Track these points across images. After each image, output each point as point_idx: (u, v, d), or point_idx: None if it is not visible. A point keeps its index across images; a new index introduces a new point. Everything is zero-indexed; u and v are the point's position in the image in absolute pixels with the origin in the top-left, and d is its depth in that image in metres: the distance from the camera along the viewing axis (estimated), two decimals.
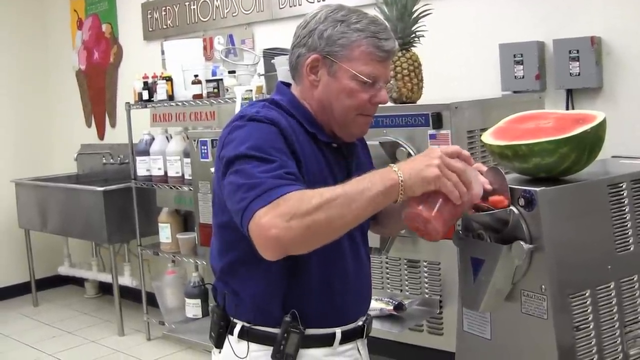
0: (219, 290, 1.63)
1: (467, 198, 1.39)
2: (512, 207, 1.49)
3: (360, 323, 1.64)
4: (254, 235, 1.33)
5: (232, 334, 1.58)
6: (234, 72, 3.76)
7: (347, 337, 1.60)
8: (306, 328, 1.52)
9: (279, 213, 1.30)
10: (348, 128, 1.58)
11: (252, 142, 1.43)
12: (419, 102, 2.60)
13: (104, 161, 5.22)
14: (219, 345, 1.63)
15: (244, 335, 1.56)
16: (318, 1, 3.78)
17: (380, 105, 1.58)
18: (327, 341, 1.57)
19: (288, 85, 1.65)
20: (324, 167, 1.56)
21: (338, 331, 1.58)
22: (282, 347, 1.50)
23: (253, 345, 1.55)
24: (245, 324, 1.56)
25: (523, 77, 2.95)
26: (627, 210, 1.60)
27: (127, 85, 4.80)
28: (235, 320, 1.58)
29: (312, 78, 1.55)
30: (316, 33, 1.53)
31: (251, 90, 3.42)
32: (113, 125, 5.37)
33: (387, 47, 1.53)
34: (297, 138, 1.51)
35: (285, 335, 1.50)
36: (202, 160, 3.61)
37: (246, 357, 1.55)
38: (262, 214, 1.31)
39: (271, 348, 1.52)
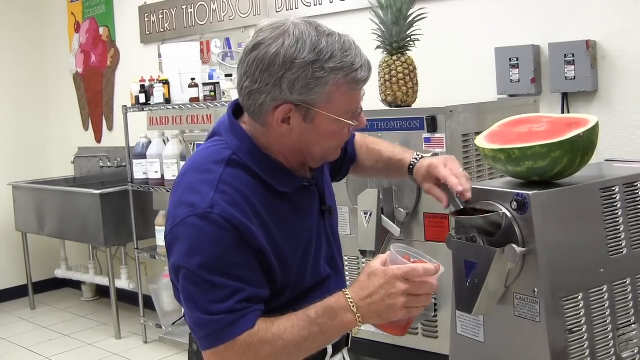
0: None
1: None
2: (504, 211, 1.50)
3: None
4: None
5: None
6: (231, 75, 3.77)
7: (335, 349, 1.58)
8: None
9: None
10: (326, 159, 1.52)
11: (203, 258, 1.31)
12: (414, 106, 2.60)
13: (101, 164, 5.22)
14: None
15: None
16: (315, 5, 3.79)
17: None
18: (319, 359, 1.54)
19: (239, 110, 1.46)
20: (294, 217, 1.46)
21: (329, 347, 1.55)
22: None
23: None
24: None
25: (519, 81, 2.95)
26: (619, 213, 1.61)
27: (124, 89, 4.81)
28: None
29: (285, 129, 1.37)
30: (285, 82, 1.32)
31: None
32: (110, 128, 5.37)
33: (365, 77, 1.38)
34: (259, 211, 1.37)
35: None
36: None
37: None
38: (212, 355, 1.34)
39: None
